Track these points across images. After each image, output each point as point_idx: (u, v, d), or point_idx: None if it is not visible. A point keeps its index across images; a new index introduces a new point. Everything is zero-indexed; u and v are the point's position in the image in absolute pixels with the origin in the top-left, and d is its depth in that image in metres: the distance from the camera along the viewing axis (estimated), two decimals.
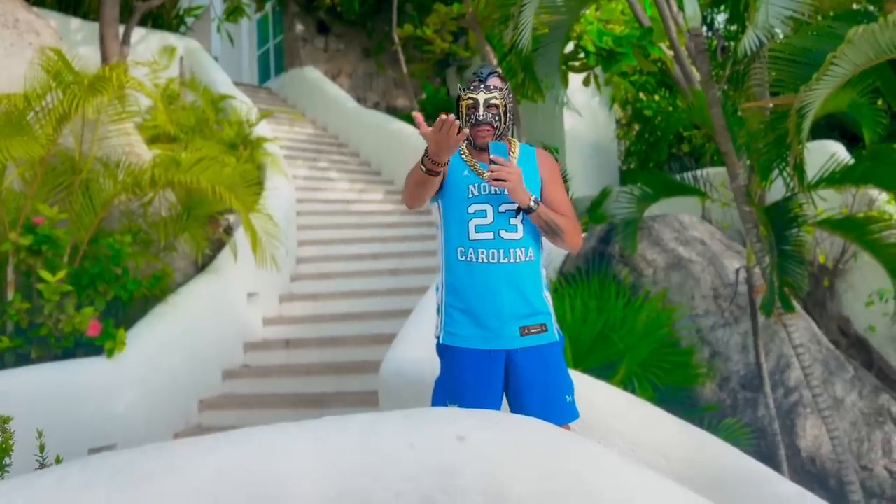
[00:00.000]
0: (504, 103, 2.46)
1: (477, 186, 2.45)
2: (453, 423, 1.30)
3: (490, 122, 2.42)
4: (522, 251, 2.43)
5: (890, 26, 3.56)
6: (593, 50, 7.95)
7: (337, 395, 5.35)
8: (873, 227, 6.04)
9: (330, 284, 7.04)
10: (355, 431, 1.28)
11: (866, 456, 6.27)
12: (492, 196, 2.43)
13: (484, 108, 2.43)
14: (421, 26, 10.34)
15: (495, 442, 1.27)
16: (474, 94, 2.45)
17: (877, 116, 6.20)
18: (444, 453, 1.23)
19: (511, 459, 1.24)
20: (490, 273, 2.40)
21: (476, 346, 2.41)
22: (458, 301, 2.45)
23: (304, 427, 1.32)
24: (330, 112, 11.38)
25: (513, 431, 1.32)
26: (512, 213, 2.42)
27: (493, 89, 2.44)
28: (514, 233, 2.43)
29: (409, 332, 4.43)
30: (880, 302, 7.34)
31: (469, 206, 2.44)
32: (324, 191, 9.10)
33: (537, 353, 2.42)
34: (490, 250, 2.41)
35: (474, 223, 2.43)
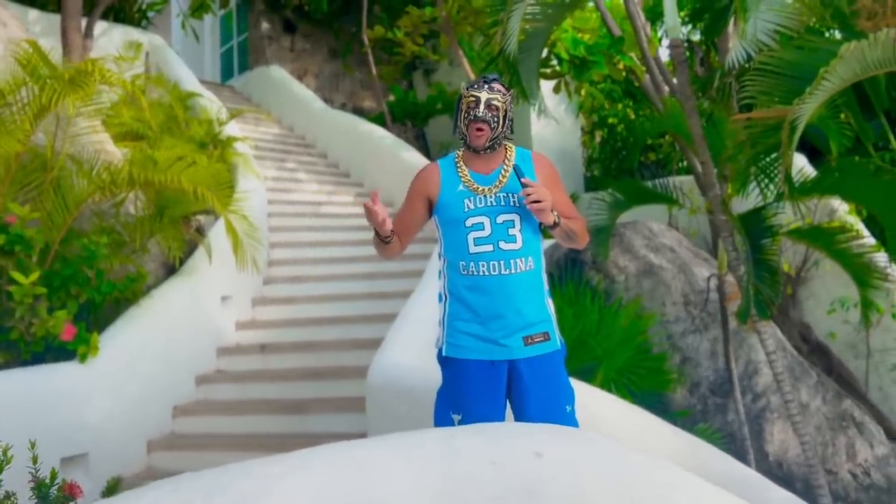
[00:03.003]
0: (504, 107, 2.47)
1: (472, 200, 2.45)
2: (527, 437, 1.28)
3: (487, 120, 2.42)
4: (522, 261, 2.43)
5: (878, 44, 3.67)
6: (567, 57, 8.02)
7: (317, 400, 5.26)
8: (840, 238, 6.22)
9: (304, 288, 6.93)
10: (435, 450, 1.24)
11: (831, 460, 6.45)
12: (489, 208, 2.43)
13: (484, 107, 2.44)
14: (391, 28, 10.28)
15: (573, 458, 1.25)
16: (477, 92, 2.46)
17: (842, 129, 6.38)
18: (526, 471, 1.20)
19: (591, 476, 1.23)
20: (492, 285, 2.41)
21: (479, 358, 2.43)
22: (460, 313, 2.46)
23: (386, 443, 1.27)
24: (296, 112, 11.23)
25: (586, 448, 1.30)
26: (510, 224, 2.42)
27: (495, 91, 2.46)
28: (513, 243, 2.42)
29: (394, 339, 4.38)
30: (841, 310, 7.57)
31: (466, 220, 2.44)
32: (293, 192, 8.96)
33: (539, 363, 2.43)
34: (490, 262, 2.41)
35: (473, 236, 2.43)
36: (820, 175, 6.05)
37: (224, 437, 5.16)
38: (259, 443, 5.02)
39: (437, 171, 2.59)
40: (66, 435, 4.43)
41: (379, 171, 9.36)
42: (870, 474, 6.39)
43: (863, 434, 6.59)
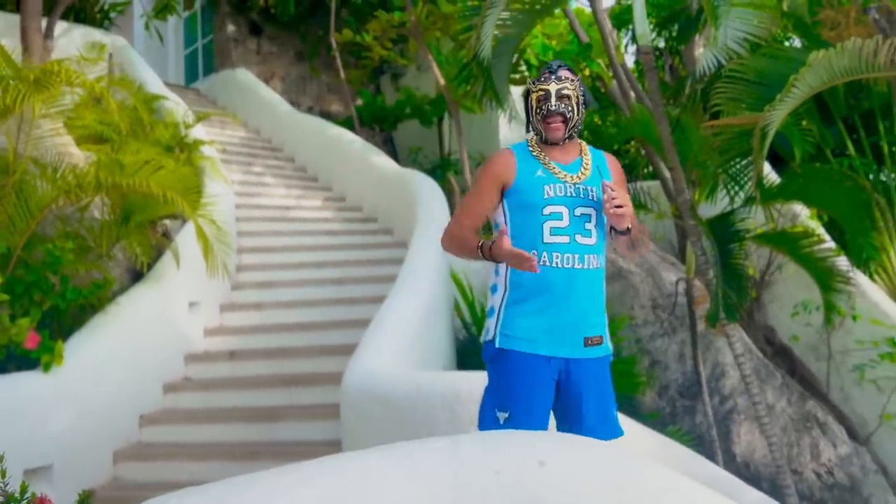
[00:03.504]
0: (576, 95, 2.35)
1: (552, 187, 2.33)
2: (530, 446, 1.27)
3: (562, 111, 2.32)
4: (595, 258, 2.34)
5: (845, 53, 3.75)
6: (536, 63, 8.06)
7: (289, 408, 5.19)
8: (804, 242, 6.35)
9: (273, 294, 6.84)
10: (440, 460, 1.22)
11: (796, 460, 6.56)
12: (568, 198, 2.33)
13: (556, 99, 2.33)
14: (360, 32, 10.23)
15: (574, 466, 1.24)
16: (545, 85, 2.35)
17: (805, 136, 6.52)
18: (528, 480, 1.19)
19: (591, 482, 1.22)
20: (562, 279, 2.29)
21: (535, 352, 2.29)
22: (523, 304, 2.32)
23: (391, 453, 1.25)
24: (263, 115, 11.10)
25: (588, 456, 1.30)
26: (587, 218, 2.33)
27: (564, 80, 2.35)
28: (588, 238, 2.32)
29: (370, 344, 4.34)
30: (804, 312, 7.72)
31: (544, 208, 2.32)
32: (260, 196, 8.86)
33: (595, 365, 2.34)
34: (565, 255, 2.29)
35: (549, 225, 2.31)
36: (785, 181, 6.18)
37: (192, 446, 5.06)
38: (228, 452, 4.94)
39: (512, 155, 2.42)
40: (30, 446, 4.31)
41: (348, 175, 9.30)
42: (833, 474, 6.52)
43: (826, 434, 6.73)
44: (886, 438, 7.23)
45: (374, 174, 8.77)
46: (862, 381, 7.34)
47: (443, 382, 3.42)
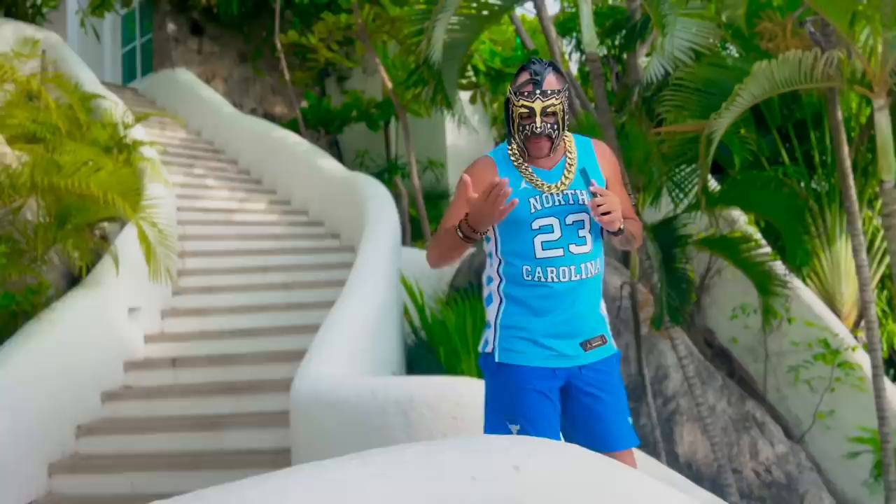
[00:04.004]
0: (562, 107, 2.14)
1: (539, 199, 2.19)
2: (506, 451, 1.25)
3: (548, 134, 2.13)
4: (593, 264, 2.22)
5: (787, 63, 3.88)
6: (483, 69, 8.11)
7: (235, 416, 5.07)
8: (743, 247, 6.55)
9: (217, 299, 6.68)
10: (417, 467, 1.19)
11: (736, 459, 6.75)
12: (557, 208, 2.19)
13: (541, 119, 2.12)
14: (305, 34, 10.12)
15: (551, 470, 1.23)
16: (529, 102, 2.12)
17: (744, 144, 6.72)
18: (506, 484, 1.17)
19: (567, 486, 1.21)
20: (560, 292, 2.18)
21: (540, 365, 2.19)
22: (519, 318, 2.23)
23: (368, 461, 1.21)
24: (204, 116, 10.86)
25: (562, 459, 1.29)
26: (580, 224, 2.19)
27: (550, 94, 2.11)
28: (583, 246, 2.20)
29: (321, 349, 4.27)
30: (742, 315, 7.95)
31: (533, 222, 2.18)
32: (202, 199, 8.65)
33: (603, 366, 2.24)
34: (560, 268, 2.17)
35: (540, 239, 2.18)
36: (726, 187, 6.36)
37: (133, 456, 4.89)
38: (172, 461, 4.79)
39: (493, 165, 2.25)
40: None
41: (293, 177, 9.16)
42: (771, 472, 6.72)
43: (764, 434, 6.94)
44: (819, 437, 7.50)
45: (320, 177, 8.66)
46: (797, 381, 7.60)
47: (398, 387, 3.39)
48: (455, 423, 3.17)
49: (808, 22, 5.26)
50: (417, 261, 7.49)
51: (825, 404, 7.36)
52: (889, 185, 4.26)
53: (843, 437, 7.20)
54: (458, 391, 3.22)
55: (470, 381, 3.36)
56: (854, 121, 8.80)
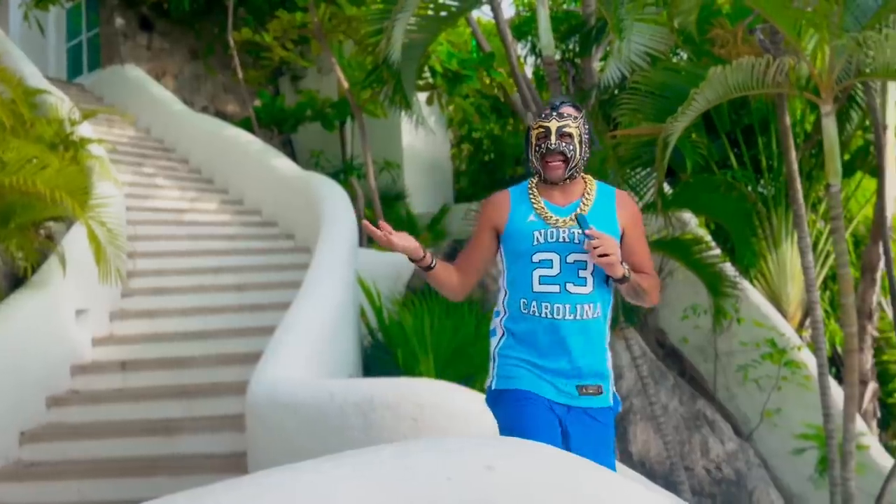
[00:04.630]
0: (579, 133, 2.23)
1: (543, 233, 2.23)
2: (478, 452, 1.24)
3: (562, 150, 2.19)
4: (590, 307, 2.21)
5: (740, 69, 3.97)
6: (440, 70, 8.11)
7: (187, 420, 4.96)
8: (695, 249, 6.67)
9: (168, 300, 6.52)
10: (392, 468, 1.17)
11: (688, 457, 6.88)
12: (560, 244, 2.21)
13: (556, 137, 2.20)
14: (259, 31, 9.97)
15: (523, 470, 1.23)
16: (545, 122, 2.22)
17: (695, 148, 6.85)
18: (479, 485, 1.16)
19: (539, 485, 1.21)
20: (554, 330, 2.20)
21: (536, 391, 2.22)
22: (516, 349, 2.26)
23: (342, 463, 1.19)
24: (154, 114, 10.61)
25: (533, 459, 1.29)
26: (582, 265, 2.20)
27: (566, 117, 2.22)
28: (582, 287, 2.20)
29: (278, 351, 4.21)
30: (693, 316, 8.12)
31: (534, 255, 2.22)
32: (152, 199, 8.45)
33: (589, 416, 2.24)
34: (555, 305, 2.19)
35: (539, 273, 2.21)
36: (678, 190, 6.48)
37: (81, 463, 4.74)
38: (122, 468, 4.66)
39: (507, 198, 2.34)
40: None
41: (245, 177, 9.02)
42: (721, 469, 6.88)
43: (714, 432, 7.09)
44: (766, 434, 7.70)
45: (274, 177, 8.54)
46: (745, 380, 7.79)
47: (357, 390, 3.36)
48: (415, 425, 3.16)
49: (758, 29, 5.39)
50: (374, 262, 7.46)
51: (772, 402, 7.56)
52: (835, 188, 4.39)
53: (789, 434, 7.40)
54: (419, 392, 3.21)
55: (430, 383, 3.35)
56: (799, 127, 9.07)
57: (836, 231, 4.43)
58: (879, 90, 6.35)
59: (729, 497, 6.70)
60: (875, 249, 7.82)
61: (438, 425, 3.11)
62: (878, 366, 8.94)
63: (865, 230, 8.85)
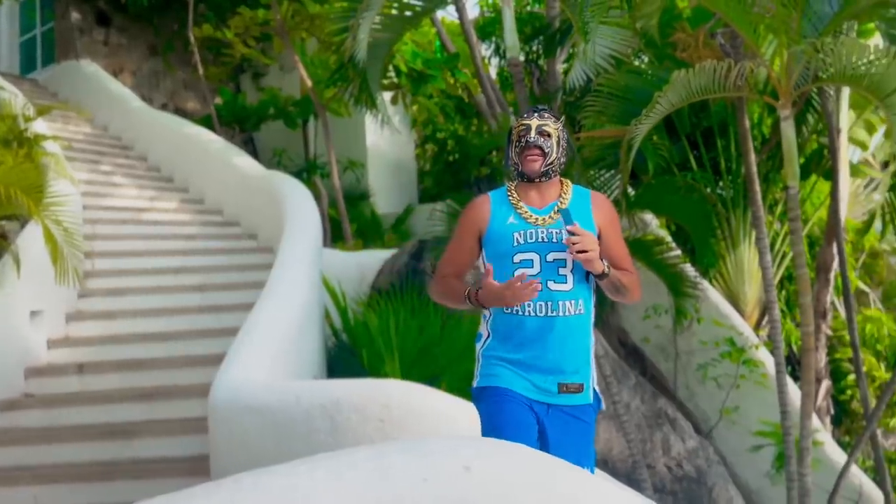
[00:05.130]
0: (557, 135, 2.35)
1: (522, 234, 2.30)
2: (455, 452, 1.24)
3: (540, 145, 2.30)
4: (572, 304, 2.27)
5: (702, 73, 4.04)
6: (405, 70, 8.09)
7: (147, 423, 4.86)
8: (656, 250, 6.78)
9: (127, 301, 6.39)
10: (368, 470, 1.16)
11: (650, 455, 6.97)
12: (539, 244, 2.29)
13: (536, 133, 2.31)
14: (220, 28, 9.83)
15: (500, 470, 1.23)
16: (527, 120, 2.36)
17: (657, 150, 6.95)
18: (457, 486, 1.16)
19: (517, 485, 1.21)
20: (535, 328, 2.27)
21: (516, 390, 2.28)
22: (500, 349, 2.32)
23: (317, 466, 1.17)
24: (112, 111, 10.38)
25: (510, 459, 1.29)
26: (561, 263, 2.27)
27: (546, 118, 2.36)
28: (563, 284, 2.27)
29: (241, 353, 4.15)
30: (654, 315, 8.23)
31: (514, 255, 2.29)
32: (110, 198, 8.27)
33: (569, 413, 2.30)
34: (537, 303, 2.25)
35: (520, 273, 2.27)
36: (641, 192, 6.58)
37: (36, 468, 4.60)
38: (79, 473, 4.55)
39: (487, 202, 2.42)
40: None
41: (206, 176, 8.88)
42: (682, 466, 6.98)
43: (676, 430, 7.20)
44: (725, 431, 7.85)
45: (236, 176, 8.42)
46: (705, 379, 7.93)
47: (323, 392, 3.33)
48: (382, 426, 3.14)
49: (719, 34, 5.48)
50: (339, 262, 7.41)
51: (731, 400, 7.71)
52: (793, 190, 4.49)
53: (747, 431, 7.55)
54: (386, 393, 3.19)
55: (397, 384, 3.33)
56: (757, 130, 9.26)
57: (794, 232, 4.53)
58: (834, 95, 6.52)
59: (689, 494, 6.81)
60: (829, 250, 8.03)
61: (406, 426, 3.10)
62: (832, 364, 9.18)
63: (820, 232, 9.07)
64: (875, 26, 6.01)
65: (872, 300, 11.07)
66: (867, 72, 3.91)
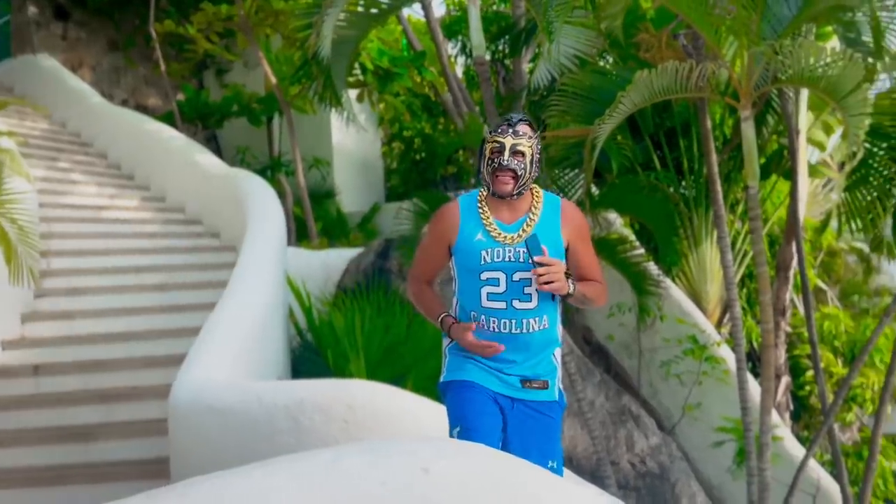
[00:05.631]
0: (532, 152, 2.31)
1: (490, 252, 2.31)
2: (414, 454, 1.22)
3: (514, 168, 2.27)
4: (536, 321, 2.32)
5: (665, 73, 4.08)
6: (371, 67, 8.05)
7: (105, 425, 4.77)
8: (620, 248, 6.84)
9: (86, 301, 6.25)
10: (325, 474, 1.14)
11: (614, 451, 7.03)
12: (506, 264, 2.30)
13: (509, 154, 2.27)
14: (182, 23, 9.67)
15: (460, 471, 1.22)
16: (500, 138, 2.30)
17: (621, 150, 7.01)
18: (415, 487, 1.14)
19: (477, 486, 1.20)
20: (499, 341, 2.33)
21: (482, 383, 2.34)
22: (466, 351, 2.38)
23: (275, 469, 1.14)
24: (70, 107, 10.15)
25: (470, 460, 1.27)
26: (527, 282, 2.29)
27: (521, 135, 2.30)
28: (527, 302, 2.31)
29: (202, 353, 4.08)
30: (618, 313, 8.31)
31: (482, 273, 2.32)
32: (68, 195, 8.09)
33: (532, 409, 2.35)
34: (502, 320, 2.31)
35: (487, 291, 2.31)
36: (605, 191, 6.63)
37: None
38: (33, 477, 4.44)
39: (456, 213, 2.41)
40: None
41: (168, 173, 8.73)
42: (646, 463, 7.06)
43: (639, 426, 7.27)
44: (688, 428, 7.96)
45: (198, 173, 8.30)
46: (668, 376, 8.03)
47: (287, 392, 3.29)
48: (347, 427, 3.11)
49: (681, 35, 5.54)
50: (304, 262, 7.34)
51: (693, 397, 7.82)
52: (753, 190, 4.56)
53: (708, 427, 7.67)
54: (351, 394, 3.17)
55: (362, 384, 3.31)
56: (718, 130, 9.39)
57: (755, 231, 4.60)
58: (794, 97, 6.64)
59: (653, 490, 6.89)
60: (788, 249, 8.18)
61: (370, 427, 3.07)
62: (790, 360, 9.36)
63: (780, 230, 9.24)
64: (833, 29, 6.13)
65: (830, 298, 11.33)
66: (824, 74, 3.98)
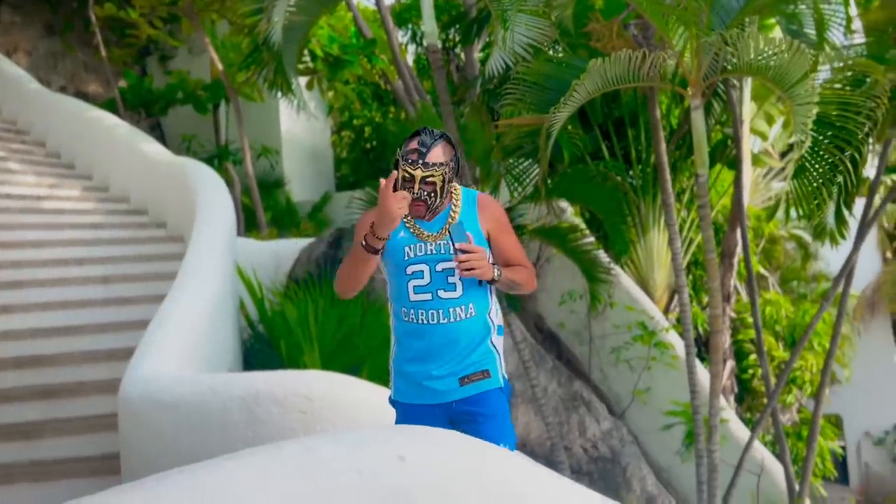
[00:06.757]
0: (443, 179, 2.33)
1: (413, 248, 2.39)
2: (387, 442, 1.20)
3: (424, 199, 2.32)
4: (462, 309, 2.38)
5: (617, 62, 4.11)
6: (321, 55, 7.93)
7: (49, 423, 4.60)
8: (571, 237, 6.90)
9: (24, 294, 6.02)
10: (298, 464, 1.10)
11: (567, 437, 7.13)
12: (428, 256, 2.37)
13: (419, 185, 2.30)
14: (124, 7, 9.36)
15: (434, 459, 1.20)
16: (411, 170, 2.29)
17: (572, 139, 7.07)
18: (391, 475, 1.13)
19: (452, 474, 1.19)
20: (429, 334, 2.37)
21: (418, 402, 2.42)
22: (403, 358, 2.44)
23: (246, 462, 1.10)
24: (5, 93, 9.74)
25: (442, 447, 1.26)
26: (450, 272, 2.36)
27: (431, 167, 2.29)
28: (452, 292, 2.37)
29: (152, 346, 3.98)
30: (570, 301, 8.41)
31: (407, 268, 2.39)
32: (4, 185, 7.76)
33: (476, 401, 2.39)
34: (429, 311, 2.37)
35: (413, 284, 2.38)
36: (557, 180, 6.66)
37: None
38: None
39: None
40: None
41: (111, 162, 8.46)
42: (598, 447, 7.18)
43: (591, 412, 7.39)
44: (637, 412, 8.12)
45: (143, 162, 8.06)
46: (618, 361, 8.17)
47: (240, 384, 3.23)
48: (304, 418, 3.07)
49: (631, 25, 5.60)
50: (254, 251, 7.21)
51: (642, 382, 7.97)
52: (703, 178, 4.65)
53: (658, 411, 7.83)
54: (308, 385, 3.13)
55: (319, 374, 3.27)
56: (665, 121, 9.56)
57: (704, 218, 4.69)
58: (739, 86, 6.79)
59: (605, 474, 7.01)
60: (733, 236, 8.40)
61: (328, 418, 3.04)
62: (735, 345, 9.63)
63: (723, 219, 9.46)
64: (776, 21, 6.29)
65: (771, 284, 11.68)
66: (773, 63, 4.07)
